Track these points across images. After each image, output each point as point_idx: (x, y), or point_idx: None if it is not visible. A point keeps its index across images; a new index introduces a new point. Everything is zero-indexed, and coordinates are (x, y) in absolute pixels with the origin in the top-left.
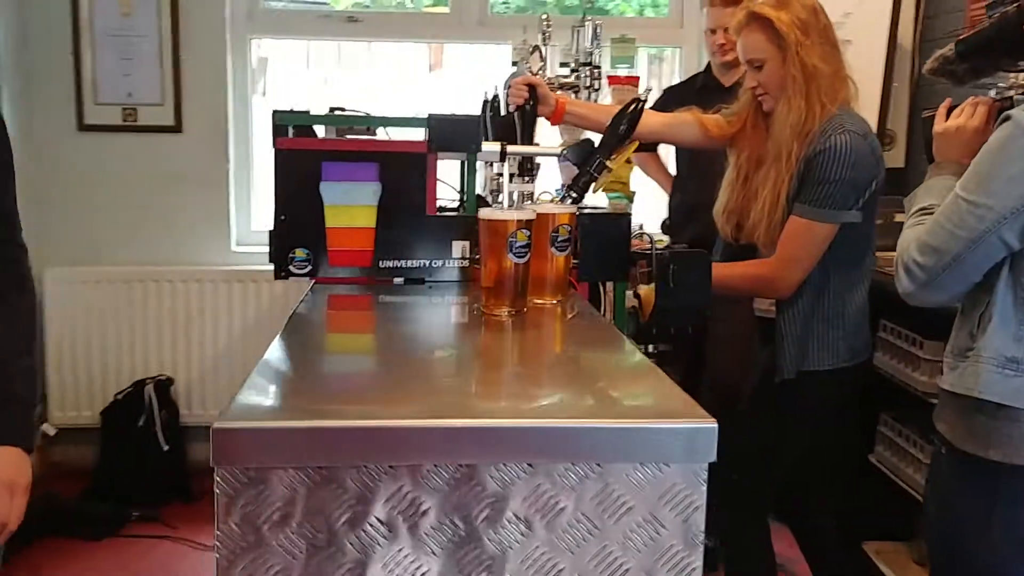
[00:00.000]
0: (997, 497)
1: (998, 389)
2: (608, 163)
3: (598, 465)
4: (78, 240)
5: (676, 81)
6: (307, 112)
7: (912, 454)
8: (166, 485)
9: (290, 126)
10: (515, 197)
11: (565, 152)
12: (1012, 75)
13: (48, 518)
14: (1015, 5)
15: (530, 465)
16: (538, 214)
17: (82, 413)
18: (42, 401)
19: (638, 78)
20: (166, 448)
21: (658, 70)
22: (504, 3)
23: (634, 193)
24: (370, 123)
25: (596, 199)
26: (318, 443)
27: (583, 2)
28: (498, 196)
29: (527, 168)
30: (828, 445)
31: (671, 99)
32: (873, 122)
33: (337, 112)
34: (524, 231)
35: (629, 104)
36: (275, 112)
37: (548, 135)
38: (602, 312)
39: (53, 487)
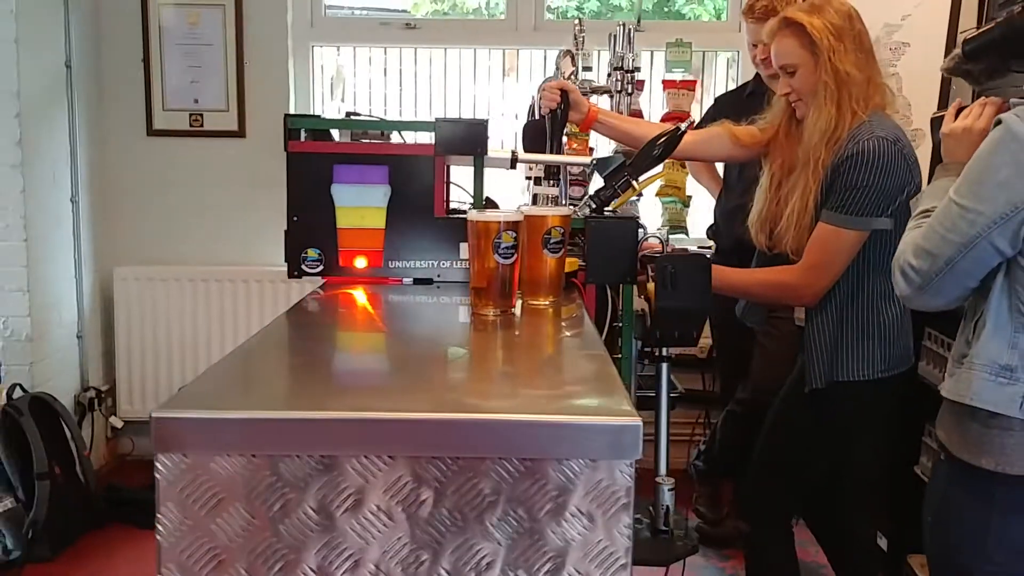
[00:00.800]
0: (992, 506)
1: (990, 397)
2: (634, 183)
3: (529, 460)
4: (146, 240)
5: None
6: (318, 116)
7: None
8: None
9: (303, 130)
10: (539, 200)
11: (595, 162)
12: None
13: (113, 507)
14: (1022, 6)
15: (457, 458)
16: (531, 216)
17: (148, 407)
18: (110, 395)
19: (695, 82)
20: None
21: (736, 74)
22: (578, 8)
23: (690, 198)
24: (382, 127)
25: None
26: (249, 433)
27: (636, 7)
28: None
29: (553, 172)
30: (862, 456)
31: (721, 107)
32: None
33: (352, 116)
34: (510, 232)
35: (667, 132)
36: (287, 116)
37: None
38: (608, 316)
39: (118, 478)
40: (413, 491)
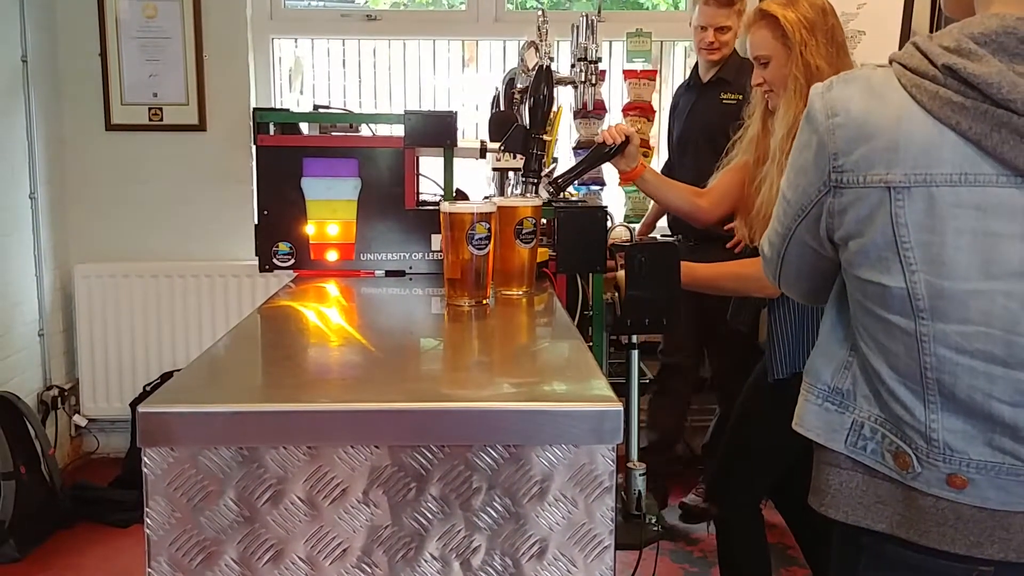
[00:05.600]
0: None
1: (814, 423)
2: (545, 136)
3: (513, 447)
4: (107, 237)
5: None
6: (287, 110)
7: None
8: None
9: (271, 123)
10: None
11: (502, 145)
12: None
13: (80, 506)
14: None
15: (443, 446)
16: (503, 207)
17: (112, 404)
18: (73, 393)
19: (655, 72)
20: None
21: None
22: None
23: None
24: (351, 120)
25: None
26: (236, 426)
27: None
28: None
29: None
30: None
31: (676, 99)
32: None
33: (320, 109)
34: (483, 224)
35: (607, 146)
36: (256, 110)
37: None
38: (579, 305)
39: (84, 476)
40: (399, 479)
